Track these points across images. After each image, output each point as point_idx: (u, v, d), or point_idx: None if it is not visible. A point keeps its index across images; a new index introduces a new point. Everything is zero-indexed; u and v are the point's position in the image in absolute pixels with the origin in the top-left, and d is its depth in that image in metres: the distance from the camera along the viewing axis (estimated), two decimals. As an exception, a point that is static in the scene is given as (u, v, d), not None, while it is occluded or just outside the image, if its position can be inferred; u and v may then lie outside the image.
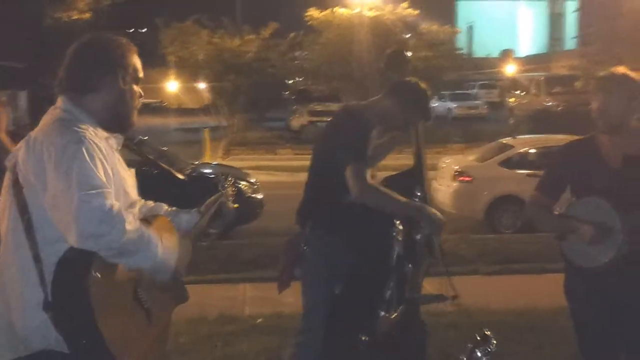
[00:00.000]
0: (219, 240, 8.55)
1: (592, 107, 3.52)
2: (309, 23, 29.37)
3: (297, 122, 29.25)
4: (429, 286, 4.03)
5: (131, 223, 2.32)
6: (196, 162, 13.45)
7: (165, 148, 12.58)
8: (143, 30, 42.06)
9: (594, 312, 3.57)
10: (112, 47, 2.57)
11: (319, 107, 27.98)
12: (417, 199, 3.70)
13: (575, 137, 3.80)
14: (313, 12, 29.10)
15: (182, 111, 38.70)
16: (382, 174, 4.00)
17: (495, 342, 2.62)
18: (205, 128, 23.34)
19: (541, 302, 6.88)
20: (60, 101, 2.53)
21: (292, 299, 5.80)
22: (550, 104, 28.73)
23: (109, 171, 2.41)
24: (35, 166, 2.36)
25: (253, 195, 11.19)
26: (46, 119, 2.49)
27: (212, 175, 11.52)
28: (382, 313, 3.49)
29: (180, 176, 10.83)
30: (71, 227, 2.24)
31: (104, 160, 2.39)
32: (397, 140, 4.12)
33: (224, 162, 18.76)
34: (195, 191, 9.93)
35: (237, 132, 28.48)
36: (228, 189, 2.97)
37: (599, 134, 3.57)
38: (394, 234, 3.56)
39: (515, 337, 5.75)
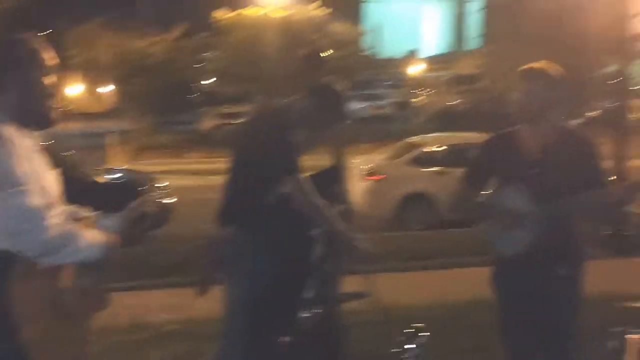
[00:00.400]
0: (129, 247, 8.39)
1: (513, 99, 3.69)
2: (217, 24, 29.16)
3: (206, 125, 28.99)
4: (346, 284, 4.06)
5: (53, 221, 2.30)
6: (103, 167, 13.16)
7: (69, 153, 12.23)
8: (46, 33, 40.89)
9: (517, 297, 3.72)
10: (15, 45, 2.54)
11: (228, 110, 27.82)
12: (335, 198, 3.71)
13: (500, 131, 3.94)
14: (221, 13, 28.91)
15: (87, 115, 37.76)
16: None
17: (426, 334, 2.66)
18: (111, 132, 22.88)
19: (452, 296, 7.04)
20: None
21: (206, 304, 5.76)
22: (454, 102, 29.44)
23: (29, 169, 2.37)
24: None
25: (162, 200, 11.02)
26: None
27: (121, 181, 11.30)
28: (303, 313, 3.49)
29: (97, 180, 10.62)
30: None
31: (23, 159, 2.36)
32: (316, 141, 4.11)
33: (132, 167, 18.41)
34: (103, 196, 9.80)
35: (145, 136, 28.02)
36: (152, 195, 2.92)
37: (520, 126, 3.71)
38: (314, 234, 3.57)
39: (427, 331, 5.84)
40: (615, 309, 5.00)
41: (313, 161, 4.26)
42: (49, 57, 2.60)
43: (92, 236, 2.50)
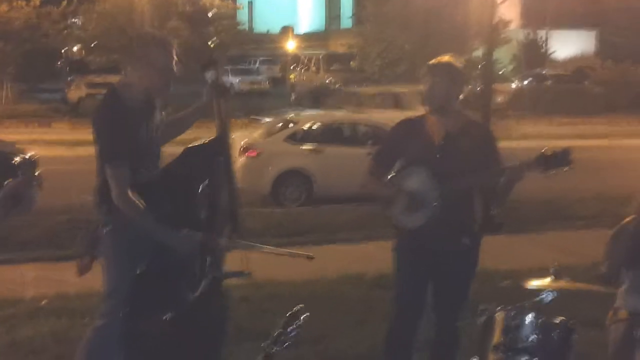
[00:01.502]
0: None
1: (422, 89, 4.11)
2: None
3: (74, 94, 27.85)
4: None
5: None
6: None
7: None
8: None
9: (413, 265, 4.15)
10: None
11: (97, 79, 26.79)
12: (220, 169, 3.67)
13: (371, 122, 4.26)
14: (89, -21, 27.87)
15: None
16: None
17: (304, 315, 2.70)
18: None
19: (327, 271, 7.16)
20: None
21: (76, 279, 5.60)
22: (328, 80, 29.69)
23: None
24: None
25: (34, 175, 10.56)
26: None
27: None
28: (185, 290, 3.46)
29: None
30: None
31: None
32: (197, 114, 4.05)
33: (-5, 136, 17.52)
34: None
35: (8, 104, 26.69)
36: (29, 173, 2.78)
37: (428, 113, 4.11)
38: (195, 209, 3.53)
39: (303, 308, 5.92)
40: (485, 285, 5.29)
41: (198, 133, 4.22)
42: None
43: None
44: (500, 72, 28.63)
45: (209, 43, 3.89)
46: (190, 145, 3.73)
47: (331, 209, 10.41)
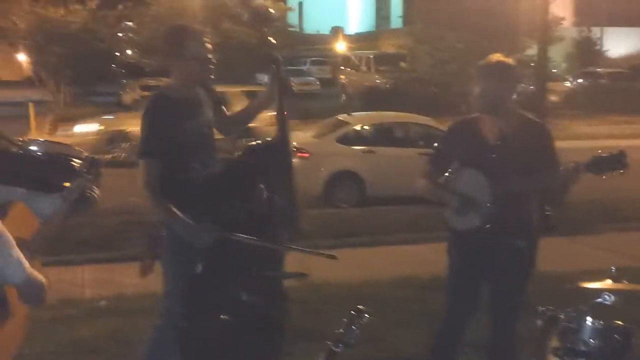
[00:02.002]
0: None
1: (474, 91, 4.00)
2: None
3: (129, 97, 28.37)
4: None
5: None
6: (23, 139, 12.76)
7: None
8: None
9: (467, 267, 4.12)
10: None
11: (151, 82, 27.25)
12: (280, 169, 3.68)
13: (422, 121, 4.19)
14: (143, -16, 28.33)
15: (3, 84, 36.50)
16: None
17: (367, 315, 2.72)
18: (29, 102, 22.16)
19: (379, 273, 7.17)
20: None
21: (133, 280, 5.70)
22: (379, 81, 29.64)
23: None
24: None
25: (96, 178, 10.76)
26: None
27: (40, 153, 10.99)
28: (243, 292, 3.49)
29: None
30: None
31: None
32: (260, 106, 4.08)
33: (52, 139, 17.90)
34: (27, 168, 9.51)
35: (64, 107, 27.25)
36: (94, 173, 2.85)
37: (481, 114, 4.04)
38: (254, 208, 3.56)
39: (352, 308, 5.94)
40: (542, 287, 5.23)
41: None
42: None
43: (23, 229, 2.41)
44: (553, 71, 28.23)
45: (270, 40, 3.90)
46: (251, 143, 3.74)
47: (383, 210, 10.40)
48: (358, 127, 12.47)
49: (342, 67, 35.22)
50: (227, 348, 3.48)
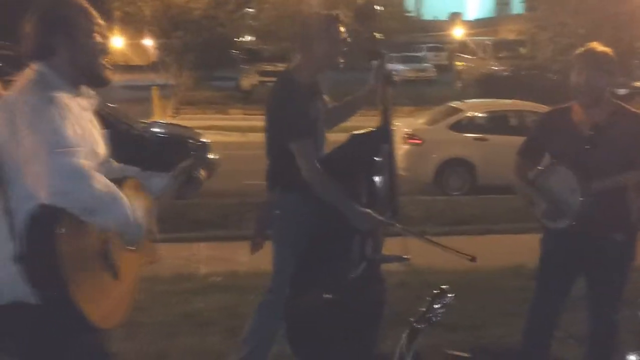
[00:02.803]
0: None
1: (573, 80, 3.87)
2: (259, -19, 29.13)
3: (247, 82, 29.07)
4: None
5: (100, 182, 2.39)
6: (147, 121, 13.37)
7: (113, 105, 12.45)
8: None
9: (559, 261, 4.07)
10: (62, 5, 2.62)
11: (268, 67, 27.81)
12: (377, 160, 3.80)
13: (538, 109, 4.11)
14: (261, -30, 28.88)
15: (129, 68, 38.00)
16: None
17: (451, 295, 2.80)
18: (153, 86, 23.05)
19: (484, 262, 7.10)
20: (34, 64, 2.58)
21: (246, 258, 5.93)
22: (496, 68, 29.09)
23: (79, 131, 2.47)
24: (8, 124, 2.43)
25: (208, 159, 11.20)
26: (21, 80, 2.55)
27: (165, 135, 11.51)
28: (345, 271, 3.63)
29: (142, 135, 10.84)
30: (42, 183, 2.31)
31: (74, 121, 2.46)
32: (362, 102, 4.21)
33: (174, 121, 18.63)
34: (148, 150, 9.99)
35: (186, 91, 28.18)
36: (201, 155, 3.01)
37: (574, 102, 3.94)
38: (357, 194, 3.68)
39: (459, 295, 5.97)
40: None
41: (362, 122, 4.37)
42: (96, 14, 2.67)
43: (138, 202, 2.58)
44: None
45: (376, 35, 4.01)
46: (355, 132, 3.85)
47: (494, 198, 10.31)
48: (470, 115, 12.37)
49: (459, 54, 34.74)
50: (328, 325, 3.63)
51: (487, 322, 5.42)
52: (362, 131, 3.88)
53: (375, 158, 3.76)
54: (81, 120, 2.53)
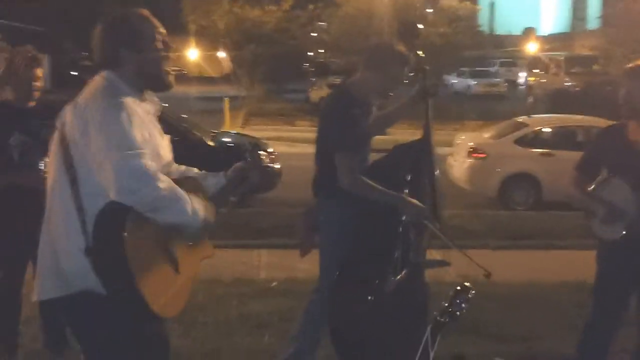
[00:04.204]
0: (235, 208, 8.80)
1: (620, 94, 3.96)
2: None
3: (316, 94, 29.34)
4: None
5: (164, 182, 2.57)
6: (217, 131, 13.68)
7: (184, 116, 12.80)
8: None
9: (615, 277, 4.11)
10: (121, 21, 2.82)
11: (337, 81, 28.03)
12: (423, 169, 3.90)
13: (610, 123, 4.20)
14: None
15: (203, 80, 38.84)
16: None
17: (473, 291, 2.88)
18: (225, 97, 23.51)
19: (544, 276, 7.12)
20: (103, 72, 2.79)
21: (306, 265, 6.05)
22: (569, 84, 28.66)
23: (146, 134, 2.66)
24: (80, 127, 2.63)
25: (271, 165, 11.41)
26: (91, 86, 2.75)
27: (233, 144, 11.78)
28: (389, 275, 3.73)
29: (210, 143, 11.16)
30: (111, 182, 2.50)
31: (140, 124, 2.64)
32: (403, 108, 4.33)
33: (244, 132, 18.96)
34: (218, 159, 10.23)
35: (257, 103, 28.65)
36: (256, 158, 3.17)
37: (628, 119, 4.00)
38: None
39: (516, 308, 5.99)
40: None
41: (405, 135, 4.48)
42: (158, 23, 2.85)
43: (197, 201, 2.74)
44: None
45: (419, 53, 4.14)
46: (399, 144, 4.02)
47: (558, 214, 10.20)
48: (536, 129, 12.27)
49: (532, 69, 34.34)
50: (371, 327, 3.74)
51: (540, 334, 5.43)
52: (404, 143, 4.04)
53: (415, 167, 3.87)
54: (147, 124, 2.71)
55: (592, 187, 4.06)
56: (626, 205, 3.89)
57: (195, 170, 3.09)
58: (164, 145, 2.85)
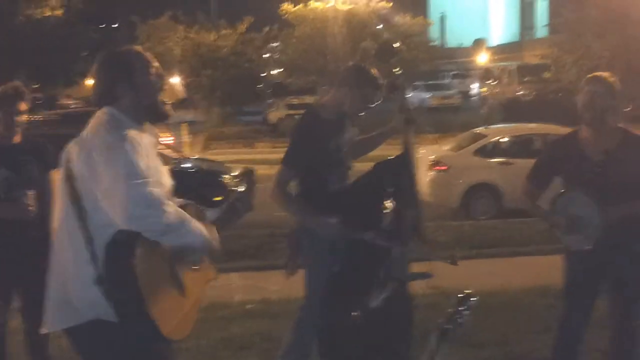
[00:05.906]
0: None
1: (578, 102, 4.03)
2: (283, 17, 29.63)
3: (274, 115, 29.48)
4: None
5: (171, 207, 2.69)
6: (177, 157, 13.65)
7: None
8: (115, 26, 42.03)
9: (581, 282, 4.21)
10: (114, 59, 2.95)
11: (295, 101, 28.21)
12: (404, 184, 4.04)
13: (562, 133, 4.26)
14: (287, 7, 29.36)
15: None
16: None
17: (476, 298, 3.01)
18: (182, 122, 23.43)
19: (512, 283, 7.29)
20: (104, 108, 2.90)
21: (277, 286, 6.16)
22: (521, 92, 29.17)
23: (150, 163, 2.77)
24: (87, 161, 2.74)
25: (236, 189, 11.43)
26: (94, 121, 2.87)
27: (194, 170, 11.79)
28: (374, 290, 3.85)
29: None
30: (120, 211, 2.61)
31: (144, 154, 2.75)
32: (385, 137, 4.49)
33: (203, 156, 18.93)
34: (179, 185, 10.24)
35: (215, 127, 28.64)
36: (250, 182, 3.29)
37: (583, 129, 4.07)
38: (382, 218, 3.92)
39: (488, 315, 6.15)
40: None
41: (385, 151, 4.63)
42: (150, 56, 2.99)
43: (199, 224, 2.86)
44: None
45: (394, 71, 4.30)
46: (379, 161, 4.13)
47: (521, 222, 10.42)
48: (495, 140, 12.53)
49: (484, 80, 34.91)
50: (357, 342, 3.85)
51: (516, 339, 5.59)
52: (385, 159, 4.15)
53: (396, 183, 4.00)
54: (149, 154, 2.82)
55: (553, 199, 4.10)
56: (587, 216, 3.94)
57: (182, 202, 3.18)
58: (165, 174, 2.96)
